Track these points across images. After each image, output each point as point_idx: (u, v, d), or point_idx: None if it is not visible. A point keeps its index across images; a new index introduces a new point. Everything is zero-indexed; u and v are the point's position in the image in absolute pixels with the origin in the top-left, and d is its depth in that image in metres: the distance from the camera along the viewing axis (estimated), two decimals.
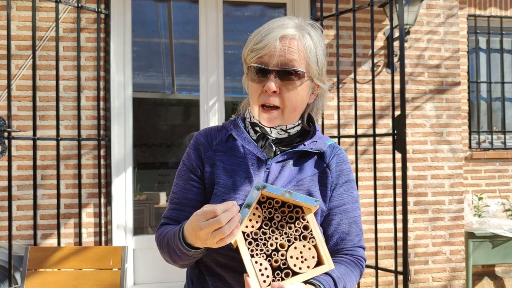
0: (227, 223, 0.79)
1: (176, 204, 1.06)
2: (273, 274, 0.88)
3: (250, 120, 1.09)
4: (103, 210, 2.81)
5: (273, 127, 1.05)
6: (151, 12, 3.26)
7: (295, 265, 0.88)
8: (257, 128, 1.07)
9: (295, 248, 0.89)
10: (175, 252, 0.95)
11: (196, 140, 1.10)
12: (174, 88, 3.40)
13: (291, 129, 1.06)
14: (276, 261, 0.88)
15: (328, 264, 0.88)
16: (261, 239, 0.89)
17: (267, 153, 1.05)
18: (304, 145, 1.06)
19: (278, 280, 0.87)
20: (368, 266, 2.78)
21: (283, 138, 1.07)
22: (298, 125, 1.08)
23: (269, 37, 0.97)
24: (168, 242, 0.97)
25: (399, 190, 2.83)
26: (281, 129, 1.05)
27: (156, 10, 3.28)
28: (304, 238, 0.90)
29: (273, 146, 1.05)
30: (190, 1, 3.18)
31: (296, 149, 1.05)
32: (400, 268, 2.61)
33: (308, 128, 1.11)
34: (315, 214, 1.00)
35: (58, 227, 2.49)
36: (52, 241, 2.74)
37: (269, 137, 1.06)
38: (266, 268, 0.87)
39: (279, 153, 1.06)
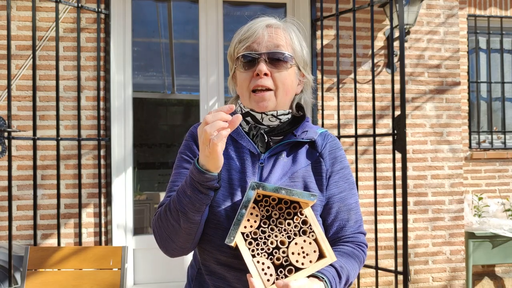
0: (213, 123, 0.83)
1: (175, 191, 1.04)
2: (276, 272, 0.87)
3: (241, 111, 1.09)
4: (103, 210, 2.81)
5: (264, 113, 1.05)
6: (151, 12, 3.27)
7: (297, 261, 0.88)
8: (249, 118, 1.07)
9: (296, 244, 0.89)
10: (184, 194, 0.91)
11: (192, 133, 1.10)
12: (174, 88, 3.40)
13: (282, 115, 1.06)
14: (278, 259, 0.88)
15: (330, 257, 0.88)
16: (261, 238, 0.89)
17: (259, 144, 1.05)
18: (295, 135, 1.06)
19: (282, 277, 0.87)
20: (368, 266, 2.78)
21: (275, 127, 1.07)
22: (289, 113, 1.09)
23: (256, 26, 1.03)
24: (177, 191, 0.94)
25: (399, 190, 2.83)
26: (272, 115, 1.05)
27: (156, 10, 3.28)
28: (304, 233, 0.90)
29: (265, 136, 1.06)
30: (190, 1, 3.18)
31: (288, 140, 1.05)
32: (400, 268, 2.61)
33: (298, 115, 1.12)
34: (315, 206, 1.00)
35: (58, 227, 2.49)
36: (52, 241, 2.74)
37: (261, 126, 1.06)
38: (268, 267, 0.87)
39: (272, 144, 1.06)
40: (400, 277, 2.56)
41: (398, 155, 2.88)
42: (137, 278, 3.01)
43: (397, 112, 2.92)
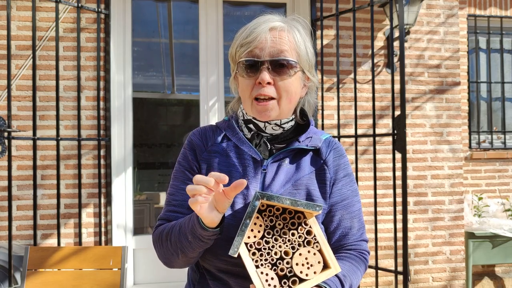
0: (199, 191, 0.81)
1: (174, 206, 1.03)
2: (280, 283, 0.86)
3: (244, 117, 1.06)
4: (103, 210, 2.81)
5: (267, 122, 1.02)
6: (151, 12, 3.26)
7: (301, 272, 0.87)
8: (251, 126, 1.04)
9: (300, 254, 0.87)
10: (185, 237, 0.90)
11: (191, 141, 1.07)
12: (174, 88, 3.39)
13: (285, 123, 1.04)
14: (282, 270, 0.87)
15: (335, 268, 0.87)
16: (265, 249, 0.87)
17: (262, 152, 1.02)
18: (299, 142, 1.04)
19: None
20: (368, 266, 2.78)
21: (278, 134, 1.04)
22: (292, 119, 1.06)
23: (259, 30, 0.97)
24: (179, 228, 0.93)
25: (399, 190, 2.83)
26: (275, 124, 1.03)
27: (156, 10, 3.28)
28: (308, 243, 0.89)
29: (268, 144, 1.03)
30: (190, 1, 3.18)
31: (292, 147, 1.03)
32: (400, 268, 2.61)
33: (302, 122, 1.09)
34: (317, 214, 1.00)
35: (58, 227, 2.49)
36: (52, 241, 2.74)
37: (264, 134, 1.04)
38: (272, 278, 0.85)
39: (274, 151, 1.03)
40: (400, 277, 2.56)
41: (398, 155, 2.88)
42: (137, 278, 3.01)
43: (397, 112, 2.92)
